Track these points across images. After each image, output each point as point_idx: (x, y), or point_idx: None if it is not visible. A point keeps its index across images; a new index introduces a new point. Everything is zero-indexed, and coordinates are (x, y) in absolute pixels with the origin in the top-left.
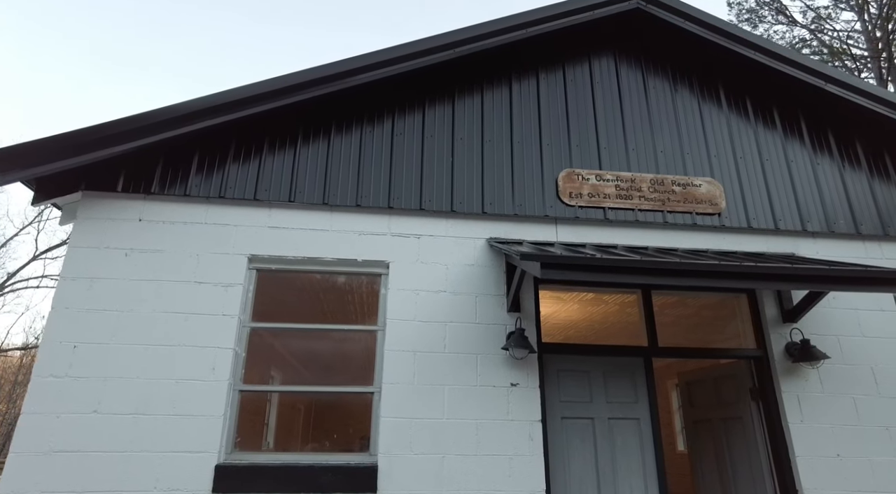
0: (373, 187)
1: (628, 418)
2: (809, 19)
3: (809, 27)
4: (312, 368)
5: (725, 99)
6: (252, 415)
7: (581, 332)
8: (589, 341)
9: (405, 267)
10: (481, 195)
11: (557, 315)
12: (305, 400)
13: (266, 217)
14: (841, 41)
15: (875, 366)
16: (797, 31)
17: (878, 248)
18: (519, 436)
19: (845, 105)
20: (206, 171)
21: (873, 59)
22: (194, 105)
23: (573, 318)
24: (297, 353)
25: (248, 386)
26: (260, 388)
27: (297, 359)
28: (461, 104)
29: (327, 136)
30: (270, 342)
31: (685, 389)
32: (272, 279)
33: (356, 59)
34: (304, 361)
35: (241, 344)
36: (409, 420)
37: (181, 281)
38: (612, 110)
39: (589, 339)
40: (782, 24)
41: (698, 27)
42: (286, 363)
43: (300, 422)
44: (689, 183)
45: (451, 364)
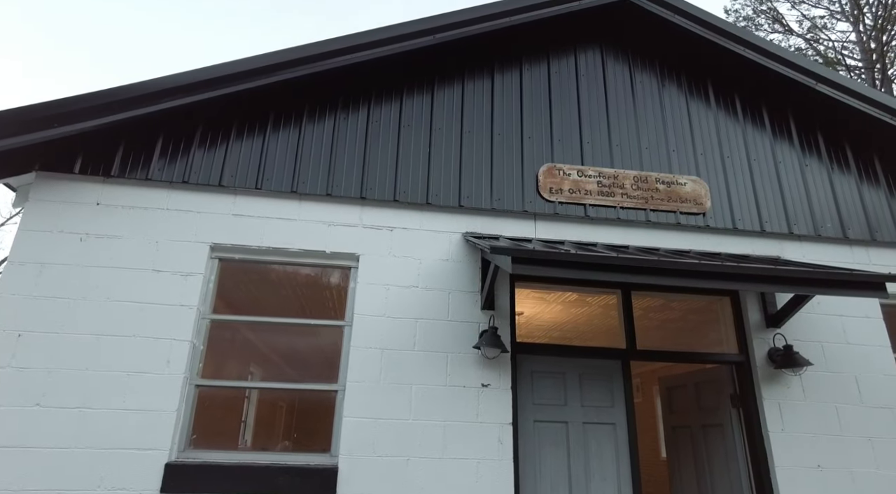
0: (345, 176)
1: (603, 422)
2: (805, 29)
3: (805, 37)
4: (280, 364)
5: (714, 96)
6: (227, 412)
7: (566, 334)
8: (575, 343)
9: (376, 261)
10: (458, 188)
11: (541, 316)
12: (288, 397)
13: (231, 204)
14: (836, 51)
15: (859, 375)
16: (793, 40)
17: (866, 253)
18: (488, 439)
19: (836, 106)
20: (170, 155)
21: (867, 70)
22: (158, 84)
23: (558, 320)
24: (265, 348)
25: (206, 380)
26: (217, 383)
27: (265, 354)
28: (441, 93)
29: (299, 122)
30: (243, 335)
31: (666, 394)
32: (236, 269)
33: (329, 41)
34: (272, 356)
35: (200, 337)
36: (374, 420)
37: (138, 268)
38: (596, 104)
39: (575, 342)
40: (779, 33)
41: (687, 21)
42: (256, 358)
43: (282, 421)
44: (673, 181)
45: (420, 362)
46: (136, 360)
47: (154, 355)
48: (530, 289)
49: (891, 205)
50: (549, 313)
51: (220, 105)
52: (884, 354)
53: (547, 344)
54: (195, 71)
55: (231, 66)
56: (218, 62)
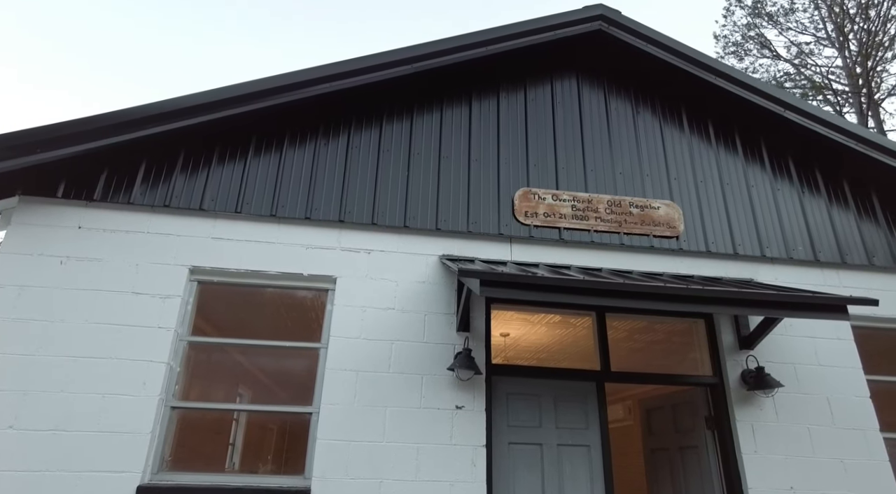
0: (324, 200)
1: (578, 445)
2: (793, 54)
3: (793, 62)
4: (260, 386)
5: (687, 122)
6: (214, 435)
7: (554, 356)
8: (561, 365)
9: (353, 283)
10: (436, 211)
11: (527, 337)
12: (277, 419)
13: (210, 228)
14: (823, 76)
15: (831, 396)
16: (781, 65)
17: (836, 276)
18: (461, 462)
19: (804, 132)
20: (152, 180)
21: (854, 95)
22: (141, 111)
23: (543, 341)
24: (245, 370)
25: (182, 402)
26: (193, 405)
27: (245, 377)
28: (419, 119)
29: (280, 148)
30: (224, 357)
31: (645, 416)
32: (215, 292)
33: (310, 70)
34: (251, 379)
35: (177, 359)
36: (347, 442)
37: (118, 291)
38: (572, 130)
39: (563, 363)
40: (767, 58)
41: (659, 50)
42: (237, 380)
43: (272, 443)
44: (647, 205)
45: (395, 384)
46: (112, 382)
47: (130, 377)
48: (513, 311)
49: (860, 228)
50: (535, 335)
51: (203, 131)
52: (855, 376)
53: (522, 365)
54: (178, 98)
55: (213, 94)
56: (207, 89)
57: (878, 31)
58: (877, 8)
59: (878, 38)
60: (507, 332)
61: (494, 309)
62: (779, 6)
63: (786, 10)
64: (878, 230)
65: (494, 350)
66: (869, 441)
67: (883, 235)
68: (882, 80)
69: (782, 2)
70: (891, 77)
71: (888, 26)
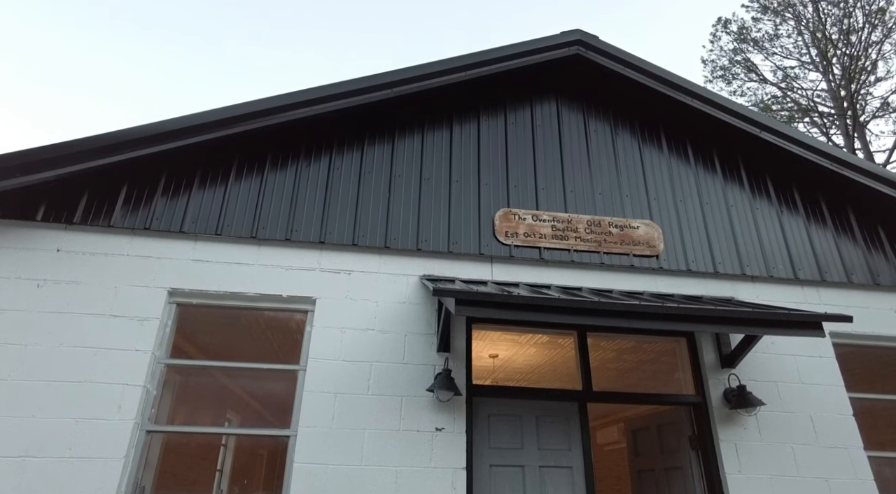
0: (305, 221)
1: (560, 466)
2: (779, 78)
3: (780, 85)
4: (242, 409)
5: (666, 143)
6: (200, 460)
7: (545, 376)
8: (554, 386)
9: (333, 304)
10: (417, 232)
11: (516, 359)
12: (269, 444)
13: (190, 250)
14: (809, 99)
15: (814, 414)
16: (768, 88)
17: (816, 294)
18: (441, 485)
19: (780, 152)
20: (133, 202)
21: (840, 117)
22: (122, 135)
23: (532, 363)
24: (227, 393)
25: (158, 426)
26: (170, 429)
27: (226, 400)
28: (401, 142)
29: (261, 170)
30: (206, 380)
31: (631, 437)
32: (195, 314)
33: (292, 95)
34: (232, 402)
35: (154, 381)
36: (324, 466)
37: (95, 314)
38: (551, 152)
39: (554, 384)
40: (754, 82)
41: (636, 73)
42: (218, 403)
43: (262, 468)
44: (626, 225)
45: (374, 406)
46: (86, 406)
47: (105, 401)
48: (498, 332)
49: (838, 246)
50: (524, 356)
51: (184, 154)
52: (838, 393)
53: (503, 386)
54: (159, 123)
55: (194, 119)
56: (188, 113)
57: (861, 55)
58: (857, 34)
59: (860, 63)
60: (495, 354)
61: (477, 329)
62: (764, 32)
63: (770, 35)
64: (856, 248)
65: (484, 372)
66: (853, 460)
67: (860, 253)
68: (866, 103)
69: (767, 28)
70: (875, 99)
71: (869, 51)
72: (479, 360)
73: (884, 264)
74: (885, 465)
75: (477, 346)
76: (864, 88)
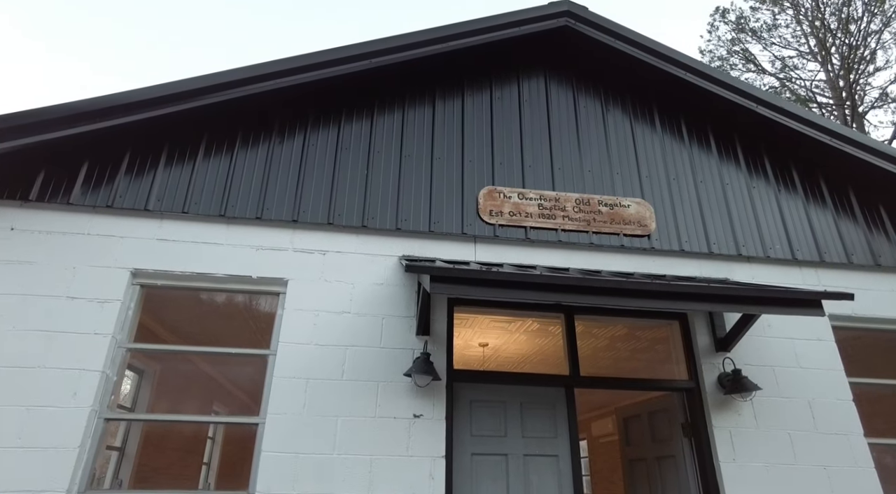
0: (277, 200)
1: (546, 455)
2: (778, 68)
3: (778, 76)
4: (231, 399)
5: (659, 119)
6: (185, 454)
7: (537, 367)
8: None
9: (306, 286)
10: (396, 211)
11: (507, 347)
12: (245, 434)
13: (156, 229)
14: (808, 89)
15: (812, 400)
16: (767, 78)
17: (815, 275)
18: (418, 474)
19: (778, 128)
20: (95, 179)
21: (838, 107)
22: (81, 106)
23: (524, 351)
24: (198, 379)
25: (117, 413)
26: (127, 417)
27: (194, 386)
28: (381, 117)
29: (232, 145)
30: (189, 368)
31: (623, 426)
32: (161, 296)
33: (263, 65)
34: (212, 389)
35: (114, 367)
36: (295, 455)
37: (51, 295)
38: (539, 128)
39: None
40: (752, 72)
41: (628, 46)
42: (188, 389)
43: (249, 459)
44: (617, 203)
45: (348, 392)
46: (38, 393)
47: (60, 387)
48: (485, 316)
49: (838, 226)
50: (515, 343)
51: (150, 128)
52: (837, 378)
53: (486, 371)
54: (122, 93)
55: (160, 89)
56: (154, 83)
57: (860, 45)
58: (857, 23)
59: (859, 52)
60: (486, 342)
61: (459, 312)
62: (762, 22)
63: (769, 25)
64: (857, 228)
65: (474, 361)
66: (853, 447)
67: (861, 233)
68: (865, 93)
69: (765, 18)
70: (873, 90)
71: (868, 40)
72: (469, 349)
73: (885, 244)
74: (886, 452)
75: (466, 334)
76: (862, 78)
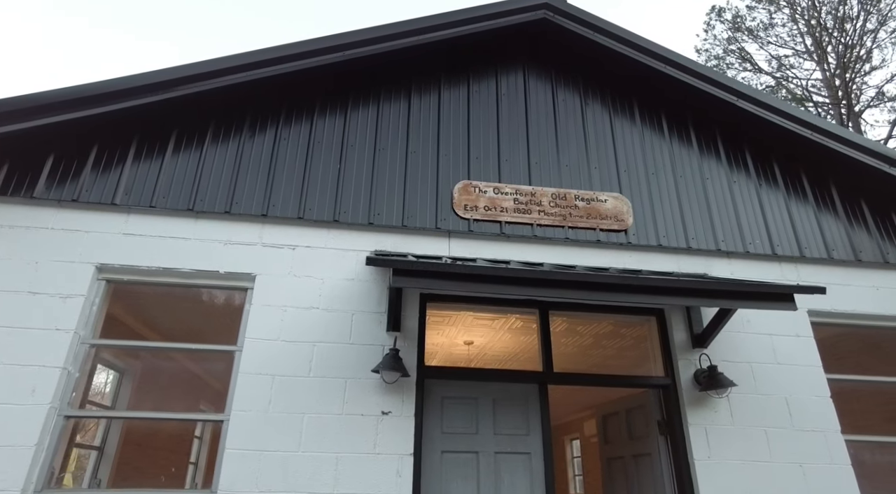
0: (247, 194)
1: (518, 452)
2: (774, 67)
3: (774, 75)
4: (193, 393)
5: (640, 113)
6: (169, 453)
7: (525, 365)
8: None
9: (274, 281)
10: (369, 205)
11: (492, 345)
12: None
13: (123, 223)
14: (804, 88)
15: (790, 396)
16: (763, 78)
17: (795, 270)
18: (385, 472)
19: (759, 122)
20: (60, 173)
21: (834, 106)
22: (48, 96)
23: (509, 349)
24: (187, 377)
25: (77, 411)
26: (88, 414)
27: (177, 383)
28: (355, 110)
29: (202, 139)
30: (171, 366)
31: (602, 424)
32: (128, 291)
33: (233, 57)
34: (185, 384)
35: (77, 363)
36: (259, 452)
37: (11, 291)
38: (517, 123)
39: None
40: (749, 72)
41: (607, 39)
42: (156, 386)
43: None
44: (593, 198)
45: (315, 389)
46: None
47: (17, 384)
48: (457, 312)
49: (819, 221)
50: (500, 342)
51: (117, 121)
52: (816, 375)
53: (458, 367)
54: (90, 84)
55: (129, 81)
56: (124, 75)
57: (856, 44)
58: (852, 22)
59: (855, 51)
60: (471, 340)
61: (432, 308)
62: (758, 21)
63: (765, 24)
64: (838, 223)
65: (459, 359)
66: (830, 444)
67: (842, 228)
68: (861, 92)
69: (762, 17)
70: (869, 89)
71: (864, 39)
72: (455, 347)
73: (866, 239)
74: (863, 449)
75: (450, 332)
76: (859, 77)
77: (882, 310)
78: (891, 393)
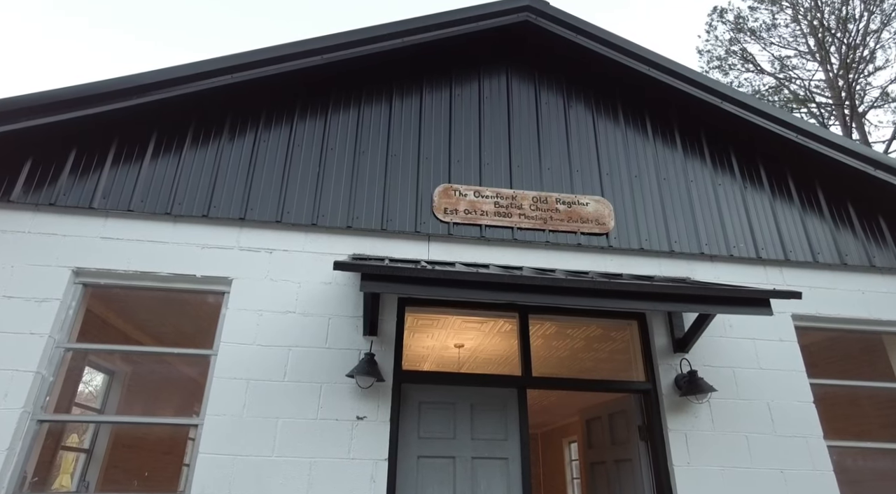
0: (225, 197)
1: (495, 457)
2: (777, 68)
3: (777, 76)
4: (186, 396)
5: (623, 116)
6: (161, 455)
7: (516, 368)
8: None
9: (250, 285)
10: (348, 209)
11: (483, 349)
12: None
13: (100, 227)
14: (806, 89)
15: (772, 402)
16: (766, 79)
17: (780, 274)
18: (359, 477)
19: (743, 124)
20: (38, 177)
21: (837, 107)
22: (24, 101)
23: (500, 352)
24: (169, 379)
25: (51, 415)
26: (63, 418)
27: (169, 386)
28: (336, 114)
29: (181, 143)
30: (164, 369)
31: (585, 428)
32: (106, 295)
33: (212, 61)
34: (178, 388)
35: (51, 367)
36: (233, 457)
37: None
38: (499, 126)
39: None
40: (751, 72)
41: (590, 41)
42: (172, 391)
43: None
44: (575, 201)
45: (290, 394)
46: None
47: None
48: (441, 316)
49: (805, 224)
50: (491, 345)
51: (95, 126)
52: (798, 379)
53: (436, 372)
54: (67, 88)
55: (107, 85)
56: (102, 78)
57: (859, 44)
58: (855, 22)
59: (858, 52)
60: (461, 343)
61: (414, 312)
62: (761, 22)
63: (768, 25)
64: (824, 226)
65: (450, 362)
66: (812, 450)
67: (828, 231)
68: (865, 93)
69: (764, 17)
70: (873, 89)
71: (867, 40)
72: (446, 350)
73: (852, 243)
74: (846, 455)
75: (440, 335)
76: (862, 78)
77: (868, 314)
78: (881, 398)
